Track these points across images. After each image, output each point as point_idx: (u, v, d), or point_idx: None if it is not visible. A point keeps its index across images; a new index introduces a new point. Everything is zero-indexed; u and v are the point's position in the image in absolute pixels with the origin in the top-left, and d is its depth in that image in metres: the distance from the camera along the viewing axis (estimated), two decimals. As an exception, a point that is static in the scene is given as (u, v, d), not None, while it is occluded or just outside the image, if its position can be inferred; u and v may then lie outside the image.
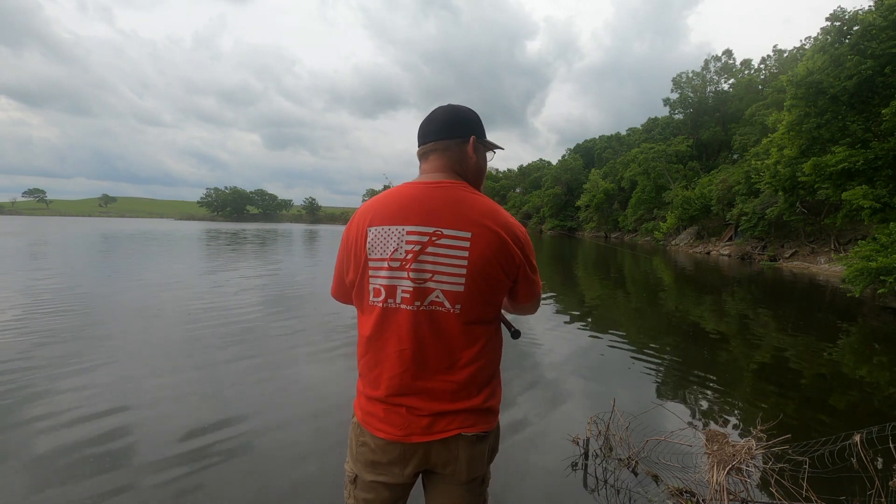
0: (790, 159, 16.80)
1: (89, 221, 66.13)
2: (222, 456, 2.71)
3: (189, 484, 2.43)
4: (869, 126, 14.10)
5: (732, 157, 36.44)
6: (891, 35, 12.83)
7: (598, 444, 2.90)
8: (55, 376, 3.91)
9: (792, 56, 32.44)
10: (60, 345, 4.80)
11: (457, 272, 1.04)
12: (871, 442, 2.28)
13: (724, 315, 8.24)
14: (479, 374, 1.10)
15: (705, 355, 5.40)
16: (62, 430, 2.97)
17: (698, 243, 29.78)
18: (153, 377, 3.96)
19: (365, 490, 1.14)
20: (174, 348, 4.83)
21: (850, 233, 19.08)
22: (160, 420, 3.16)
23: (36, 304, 6.76)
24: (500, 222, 1.07)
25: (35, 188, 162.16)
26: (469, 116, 1.17)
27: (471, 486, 1.15)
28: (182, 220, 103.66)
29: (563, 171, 62.10)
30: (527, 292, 1.18)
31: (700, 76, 42.92)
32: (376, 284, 1.09)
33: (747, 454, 2.49)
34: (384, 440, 1.08)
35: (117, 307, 6.89)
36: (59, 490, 2.35)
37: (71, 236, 25.46)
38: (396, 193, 1.11)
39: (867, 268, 9.24)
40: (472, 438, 1.10)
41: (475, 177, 1.18)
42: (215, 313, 6.52)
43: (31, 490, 2.35)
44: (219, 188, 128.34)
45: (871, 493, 2.13)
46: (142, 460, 2.64)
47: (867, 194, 12.94)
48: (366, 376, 1.14)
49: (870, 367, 5.13)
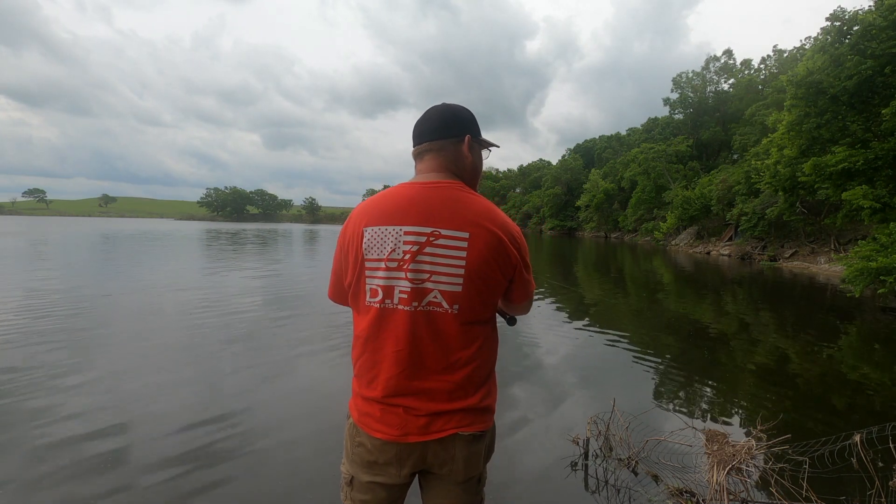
0: (790, 159, 16.79)
1: (90, 221, 66.18)
2: (220, 456, 2.71)
3: (187, 484, 2.42)
4: (869, 126, 14.09)
5: (732, 157, 36.43)
6: (891, 35, 12.82)
7: (598, 444, 2.89)
8: (55, 375, 3.91)
9: (792, 56, 32.43)
10: (60, 345, 4.80)
11: (455, 272, 1.04)
12: (871, 442, 2.27)
13: (724, 315, 8.23)
14: (476, 374, 1.10)
15: (705, 355, 5.40)
16: (59, 429, 2.97)
17: (698, 243, 29.77)
18: (151, 376, 3.95)
19: (362, 491, 1.14)
20: (174, 347, 4.83)
21: (850, 233, 19.08)
22: (157, 419, 3.15)
23: (43, 305, 6.76)
24: (498, 222, 1.07)
25: (35, 188, 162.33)
26: (463, 115, 1.16)
27: (468, 486, 1.15)
28: (182, 221, 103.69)
29: (563, 171, 62.12)
30: (521, 292, 1.18)
31: (700, 76, 42.92)
32: (373, 285, 1.08)
33: (747, 454, 2.49)
34: (381, 440, 1.08)
35: (121, 307, 6.88)
36: (57, 491, 2.34)
37: (73, 236, 25.46)
38: (393, 194, 1.11)
39: (867, 268, 9.22)
40: (468, 438, 1.09)
41: (471, 176, 1.18)
42: (216, 313, 6.51)
43: (29, 489, 2.34)
44: (219, 188, 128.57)
45: (871, 493, 2.13)
46: (139, 460, 2.64)
47: (867, 194, 12.93)
48: (362, 377, 1.13)
49: (870, 368, 5.12)
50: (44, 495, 2.30)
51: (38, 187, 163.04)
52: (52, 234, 27.75)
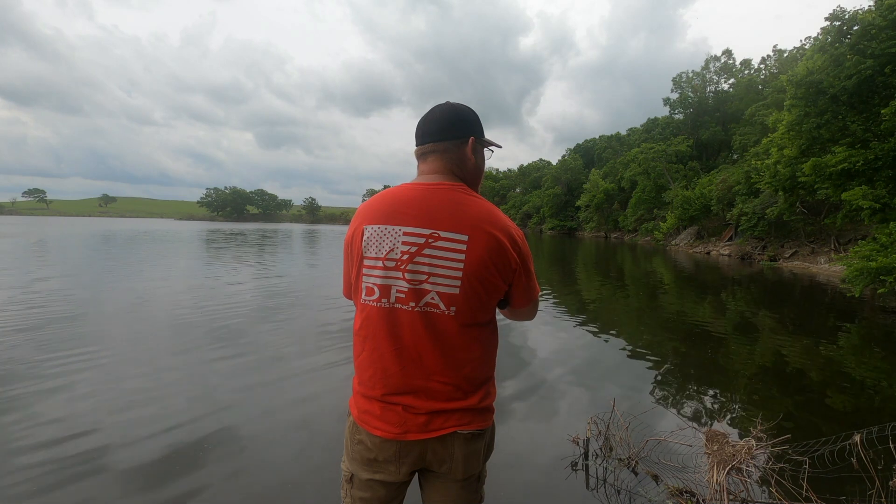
0: (790, 159, 16.78)
1: (91, 221, 66.17)
2: (211, 456, 2.70)
3: (178, 486, 2.42)
4: (869, 126, 14.08)
5: (732, 157, 36.43)
6: (891, 35, 12.81)
7: (598, 444, 2.89)
8: (55, 375, 3.91)
9: (792, 56, 32.45)
10: (62, 345, 4.80)
11: (452, 274, 1.04)
12: (871, 442, 2.27)
13: (724, 315, 8.23)
14: (475, 375, 1.11)
15: (705, 355, 5.40)
16: (40, 431, 2.94)
17: (698, 243, 29.76)
18: (143, 377, 3.95)
19: (361, 489, 1.14)
20: (173, 348, 4.83)
21: (850, 233, 19.07)
22: (137, 424, 3.11)
23: (57, 306, 6.77)
24: (499, 225, 1.07)
25: (35, 188, 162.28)
26: (468, 117, 1.16)
27: (467, 484, 1.15)
28: (182, 221, 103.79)
29: (562, 171, 62.13)
30: (523, 297, 1.17)
31: (700, 76, 42.94)
32: (369, 283, 1.09)
33: (747, 454, 2.49)
34: (380, 438, 1.08)
35: (126, 307, 6.89)
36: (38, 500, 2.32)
37: (78, 236, 25.45)
38: (394, 194, 1.11)
39: (867, 268, 9.22)
40: (467, 436, 1.10)
41: (473, 178, 1.18)
42: (216, 313, 6.52)
43: (5, 499, 2.29)
44: (218, 188, 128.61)
45: (871, 493, 2.12)
46: (126, 464, 2.61)
47: (867, 195, 12.92)
48: (362, 375, 1.13)
49: (870, 368, 5.12)
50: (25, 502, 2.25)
51: (36, 187, 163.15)
52: (57, 233, 27.72)
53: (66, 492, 2.33)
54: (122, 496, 2.31)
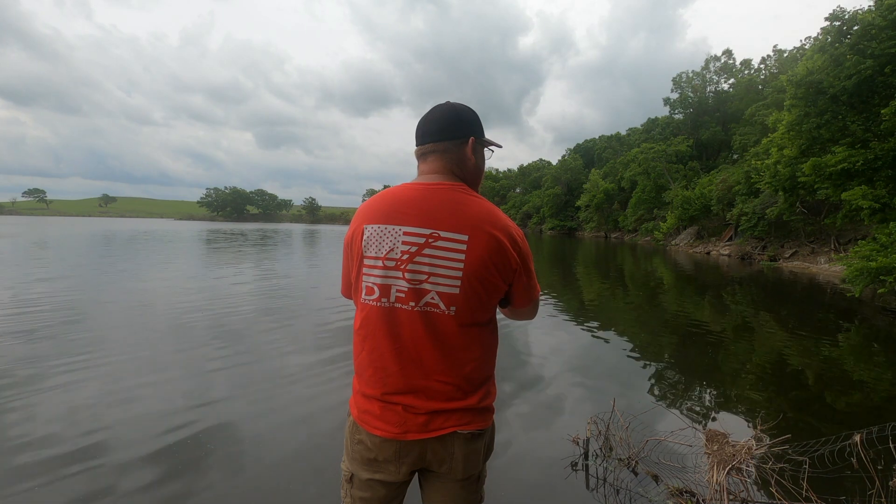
0: (790, 159, 16.77)
1: (91, 222, 66.16)
2: (211, 456, 2.71)
3: (177, 486, 2.42)
4: (869, 126, 14.08)
5: (732, 157, 36.42)
6: (890, 35, 12.80)
7: (598, 444, 2.89)
8: (57, 374, 3.91)
9: (792, 56, 32.43)
10: (62, 345, 4.80)
11: (452, 274, 1.04)
12: (871, 442, 2.27)
13: (724, 315, 8.23)
14: (475, 375, 1.11)
15: (705, 355, 5.40)
16: (40, 431, 2.95)
17: (698, 243, 29.75)
18: (143, 377, 3.95)
19: (361, 489, 1.14)
20: (173, 348, 4.83)
21: (850, 233, 19.06)
22: (144, 421, 3.13)
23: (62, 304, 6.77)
24: (499, 225, 1.07)
25: (35, 188, 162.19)
26: (468, 116, 1.16)
27: (467, 484, 1.15)
28: (182, 221, 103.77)
29: (563, 171, 62.11)
30: (523, 297, 1.17)
31: (700, 76, 42.93)
32: (369, 282, 1.09)
33: (747, 454, 2.48)
34: (380, 438, 1.08)
35: (126, 307, 6.89)
36: (40, 492, 2.33)
37: (80, 236, 25.44)
38: (394, 194, 1.11)
39: (867, 268, 9.22)
40: (467, 436, 1.10)
41: (473, 178, 1.18)
42: (216, 313, 6.52)
43: (5, 499, 2.30)
44: (219, 188, 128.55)
45: (871, 493, 2.12)
46: (125, 463, 2.61)
47: (867, 194, 12.92)
48: (362, 374, 1.13)
49: (869, 367, 5.12)
50: (22, 498, 2.26)
51: (35, 187, 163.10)
52: (59, 234, 27.72)
53: (67, 492, 2.33)
54: (122, 496, 2.31)
